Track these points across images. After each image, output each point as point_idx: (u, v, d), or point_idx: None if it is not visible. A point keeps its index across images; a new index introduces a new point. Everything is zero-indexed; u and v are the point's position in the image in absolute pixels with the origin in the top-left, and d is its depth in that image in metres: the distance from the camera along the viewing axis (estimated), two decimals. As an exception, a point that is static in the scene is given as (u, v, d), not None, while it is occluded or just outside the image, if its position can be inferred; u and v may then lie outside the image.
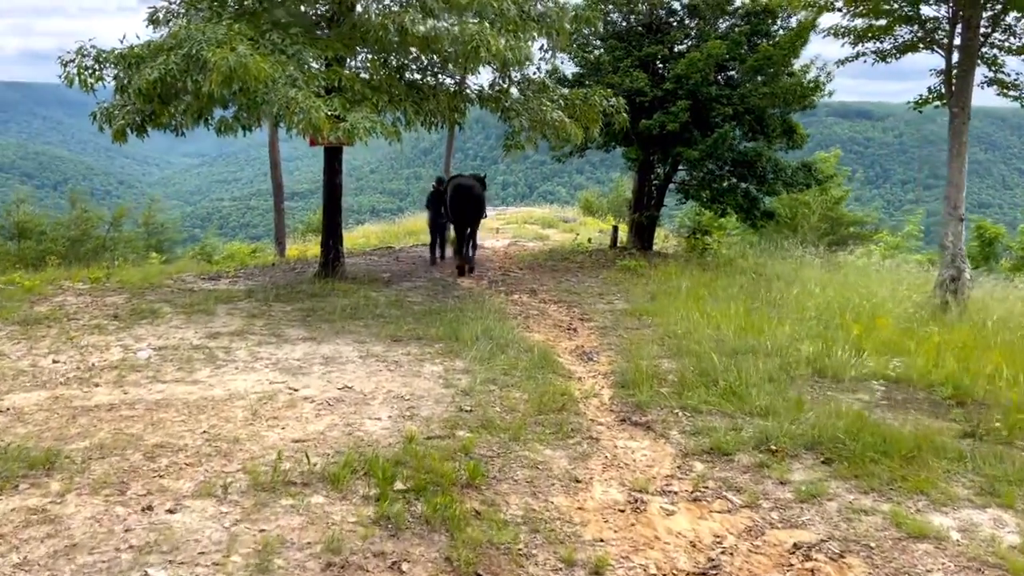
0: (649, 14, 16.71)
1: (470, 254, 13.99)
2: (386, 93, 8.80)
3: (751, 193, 16.00)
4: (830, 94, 15.77)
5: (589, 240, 20.59)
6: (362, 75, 9.43)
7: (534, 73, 10.95)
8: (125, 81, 7.90)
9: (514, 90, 10.60)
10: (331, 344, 8.02)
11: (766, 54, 14.49)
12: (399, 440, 5.41)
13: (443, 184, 14.41)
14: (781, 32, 15.74)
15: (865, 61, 12.05)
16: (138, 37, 8.03)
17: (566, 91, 10.99)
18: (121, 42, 8.02)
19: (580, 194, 39.60)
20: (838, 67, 12.49)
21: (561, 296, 11.65)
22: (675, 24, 16.75)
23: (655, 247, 18.51)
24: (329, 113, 7.71)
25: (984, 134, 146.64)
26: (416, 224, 26.61)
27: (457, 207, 13.23)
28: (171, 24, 8.80)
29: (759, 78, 15.02)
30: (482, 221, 14.49)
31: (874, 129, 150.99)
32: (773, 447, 5.52)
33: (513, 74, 10.40)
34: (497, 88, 10.36)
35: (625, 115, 11.02)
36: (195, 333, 8.40)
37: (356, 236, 27.96)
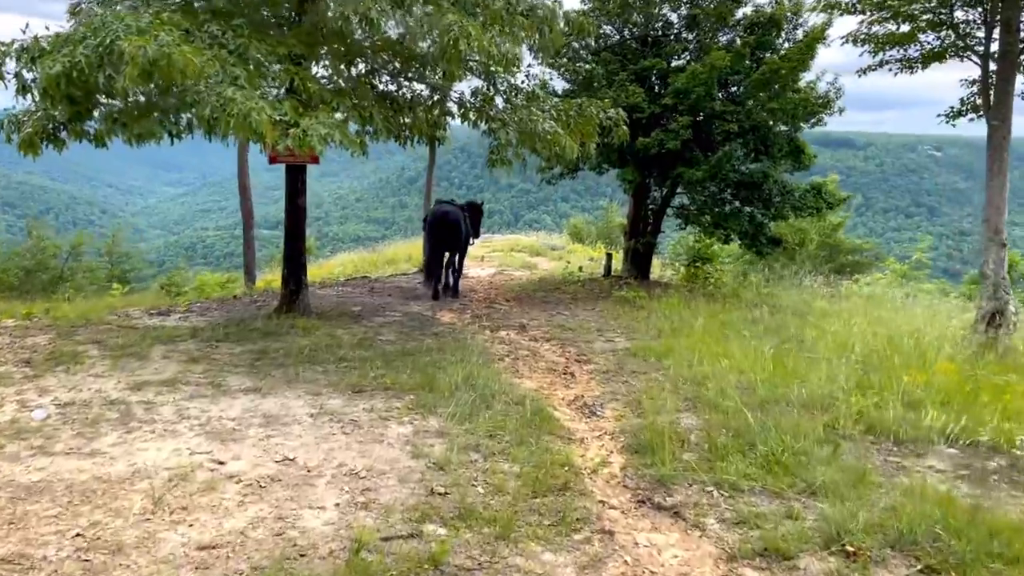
0: (645, 26, 15.56)
1: (450, 281, 13.53)
2: (349, 98, 7.50)
3: (756, 218, 14.75)
4: (840, 111, 14.60)
5: (581, 269, 19.27)
6: (322, 78, 8.13)
7: (522, 82, 9.65)
8: (28, 79, 6.54)
9: (499, 100, 9.30)
10: (278, 397, 6.60)
11: (773, 67, 13.32)
12: (345, 544, 3.98)
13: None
14: (787, 45, 14.61)
15: (890, 70, 10.87)
16: (47, 28, 6.70)
17: (558, 101, 9.72)
18: (24, 32, 6.66)
19: (569, 221, 38.37)
20: (859, 76, 11.28)
21: (554, 332, 10.28)
22: (672, 38, 15.60)
23: (651, 276, 17.22)
24: (278, 118, 6.37)
25: (965, 163, 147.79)
26: (396, 252, 25.26)
27: (432, 233, 12.80)
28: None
29: (764, 93, 13.83)
30: (469, 249, 13.96)
31: (855, 158, 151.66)
32: (849, 546, 4.14)
33: (499, 83, 9.09)
34: (481, 97, 9.02)
35: (625, 128, 9.75)
36: (116, 383, 6.94)
37: (333, 265, 26.56)
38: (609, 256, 17.32)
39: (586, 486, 4.99)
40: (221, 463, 5.06)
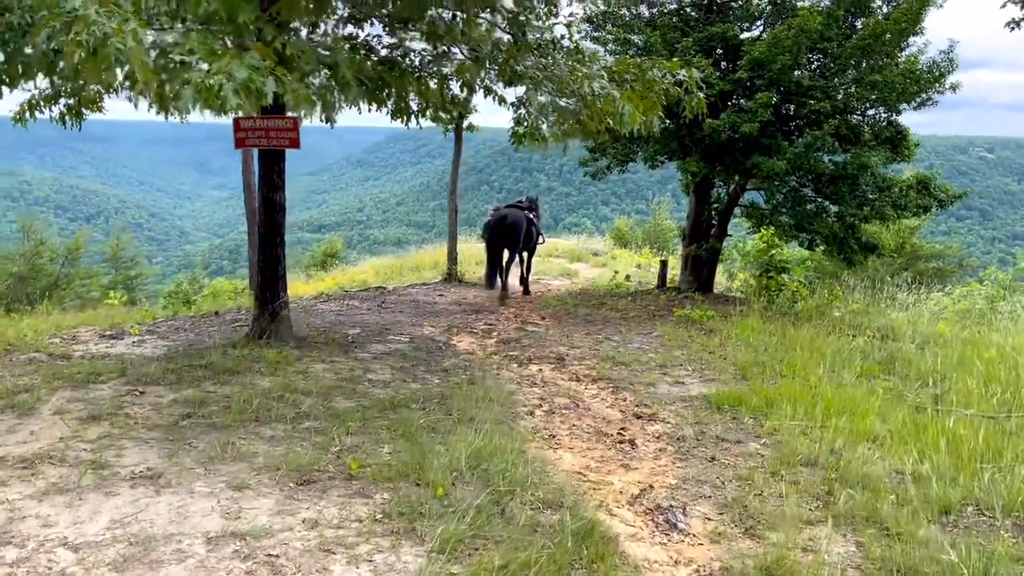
0: (708, -9, 13.00)
1: (506, 282, 13.28)
2: (313, 56, 5.14)
3: (846, 218, 12.08)
4: (953, 88, 11.85)
5: (628, 278, 16.74)
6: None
7: (562, 36, 7.13)
8: None
9: (529, 59, 6.82)
10: (180, 494, 4.23)
11: (876, 30, 10.68)
12: None
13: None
14: (885, 9, 11.91)
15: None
16: None
17: (611, 60, 7.25)
18: None
19: (615, 221, 35.64)
20: (1011, 29, 8.58)
21: (602, 368, 7.79)
22: (739, 6, 13.00)
23: (715, 288, 14.63)
24: (180, 58, 4.02)
25: (1018, 165, 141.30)
26: (423, 258, 22.90)
27: (491, 235, 12.86)
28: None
29: (866, 63, 11.19)
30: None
31: (906, 164, 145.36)
32: None
33: (530, 34, 6.61)
34: (505, 50, 6.48)
35: (701, 96, 7.21)
36: (-46, 460, 4.66)
37: (358, 272, 24.33)
38: (664, 264, 14.75)
39: None
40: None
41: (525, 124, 6.33)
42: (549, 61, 6.08)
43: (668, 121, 8.90)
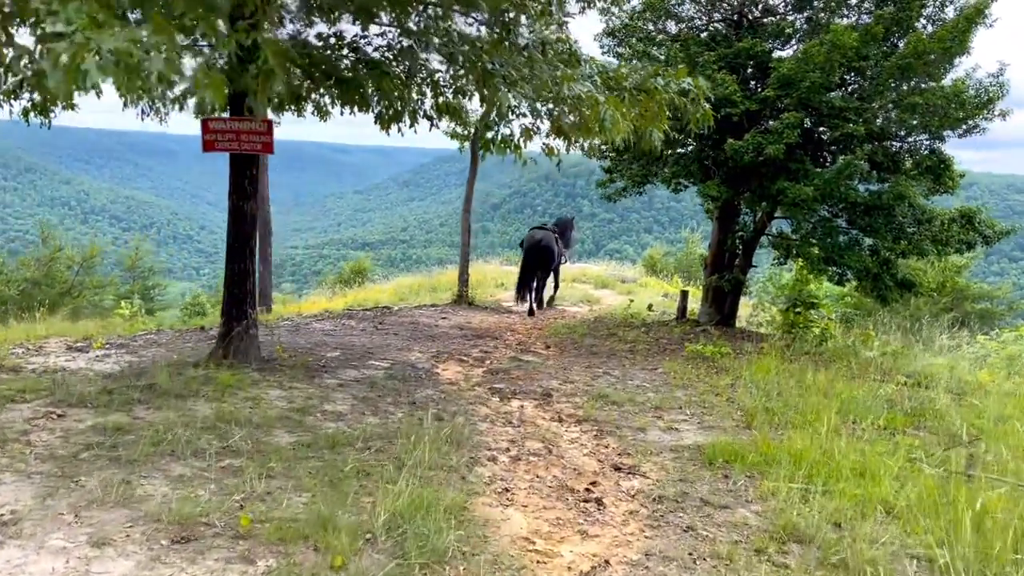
0: (740, 6, 12.22)
1: (534, 299, 14.41)
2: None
3: (881, 252, 11.11)
4: (1003, 115, 10.86)
5: (651, 307, 15.87)
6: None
7: (558, 40, 6.37)
8: None
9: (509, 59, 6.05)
10: (26, 549, 3.53)
11: (918, 48, 9.78)
12: None
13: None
14: (929, 28, 11.00)
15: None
16: None
17: (611, 65, 6.49)
18: None
19: (646, 251, 34.71)
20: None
21: (591, 407, 6.98)
22: (772, 23, 12.18)
23: (738, 322, 13.69)
24: (50, 28, 3.40)
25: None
26: (445, 279, 22.25)
27: (526, 256, 14.09)
28: None
29: (906, 85, 10.29)
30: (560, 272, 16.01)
31: (956, 198, 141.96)
32: None
33: (515, 33, 5.88)
34: (480, 47, 5.72)
35: (707, 107, 6.42)
36: None
37: (376, 290, 23.83)
38: (684, 294, 13.85)
39: None
40: None
41: (495, 128, 5.63)
42: (524, 59, 5.36)
43: (678, 135, 8.11)
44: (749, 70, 11.63)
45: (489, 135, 5.61)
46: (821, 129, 10.76)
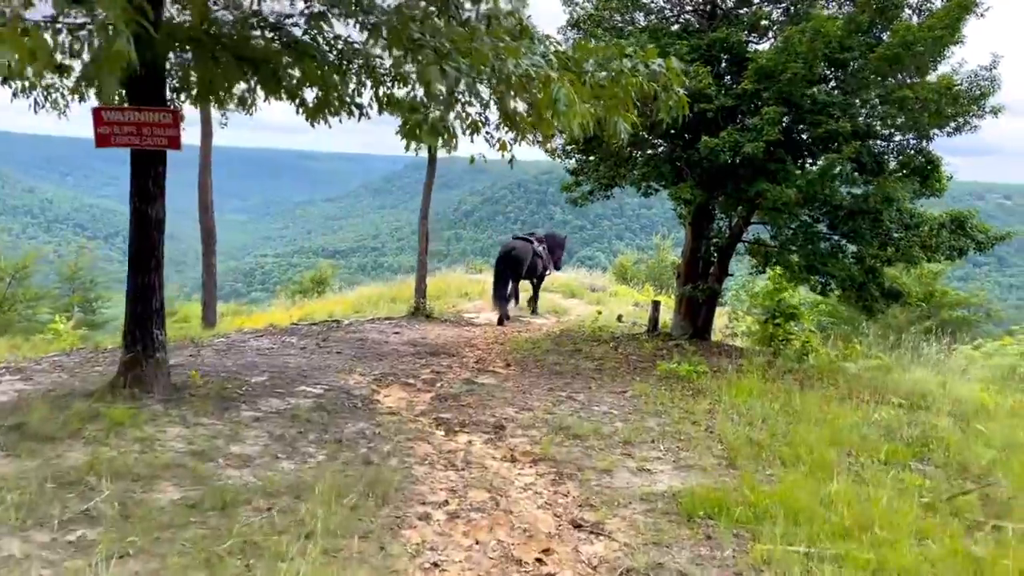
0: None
1: (508, 312, 14.24)
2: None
3: (865, 260, 10.28)
4: (995, 112, 10.10)
5: (620, 318, 14.98)
6: None
7: (508, 12, 5.37)
8: None
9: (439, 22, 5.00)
10: None
11: (905, 38, 8.99)
12: None
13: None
14: (915, 19, 10.21)
15: None
16: None
17: (566, 45, 5.55)
18: None
19: (616, 259, 33.88)
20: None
21: (549, 442, 6.00)
22: (748, 13, 11.33)
23: (713, 335, 12.81)
24: None
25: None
26: (405, 289, 21.16)
27: (497, 264, 14.29)
28: None
29: (891, 79, 9.49)
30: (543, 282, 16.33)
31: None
32: None
33: (453, 4, 4.88)
34: (402, 16, 4.67)
35: (682, 93, 5.51)
36: None
37: (334, 301, 22.65)
38: (656, 305, 12.94)
39: None
40: None
41: (421, 112, 4.64)
42: (465, 32, 4.39)
43: (647, 135, 7.20)
44: (724, 64, 10.78)
45: (417, 117, 4.62)
46: (801, 127, 9.91)
